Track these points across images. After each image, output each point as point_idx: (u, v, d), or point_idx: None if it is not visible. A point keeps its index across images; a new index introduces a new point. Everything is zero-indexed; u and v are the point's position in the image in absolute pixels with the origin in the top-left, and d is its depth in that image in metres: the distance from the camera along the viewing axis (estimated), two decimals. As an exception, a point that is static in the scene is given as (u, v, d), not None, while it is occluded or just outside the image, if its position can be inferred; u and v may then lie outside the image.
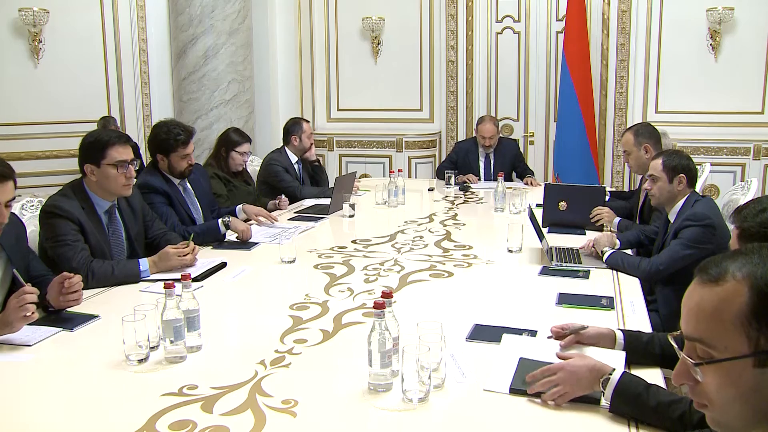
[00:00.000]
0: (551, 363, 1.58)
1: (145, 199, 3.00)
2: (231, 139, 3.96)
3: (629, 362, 1.69)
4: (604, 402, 1.48)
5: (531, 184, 4.73)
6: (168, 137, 3.11)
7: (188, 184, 3.32)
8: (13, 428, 1.49)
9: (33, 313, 1.89)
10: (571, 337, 1.76)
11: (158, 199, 3.11)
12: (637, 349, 1.73)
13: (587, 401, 1.51)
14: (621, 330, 1.79)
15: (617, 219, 3.35)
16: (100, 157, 2.49)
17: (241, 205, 3.51)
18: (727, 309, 0.86)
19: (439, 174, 5.05)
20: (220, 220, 3.14)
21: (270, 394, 1.60)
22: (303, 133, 4.45)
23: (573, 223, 3.38)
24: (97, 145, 2.50)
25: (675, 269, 2.51)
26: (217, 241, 3.11)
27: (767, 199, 1.59)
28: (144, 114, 6.13)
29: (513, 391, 1.58)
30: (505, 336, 1.87)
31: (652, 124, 3.65)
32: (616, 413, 1.46)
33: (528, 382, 1.57)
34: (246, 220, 3.36)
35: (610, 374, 1.47)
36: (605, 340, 1.76)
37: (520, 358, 1.71)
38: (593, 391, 1.50)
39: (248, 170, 4.26)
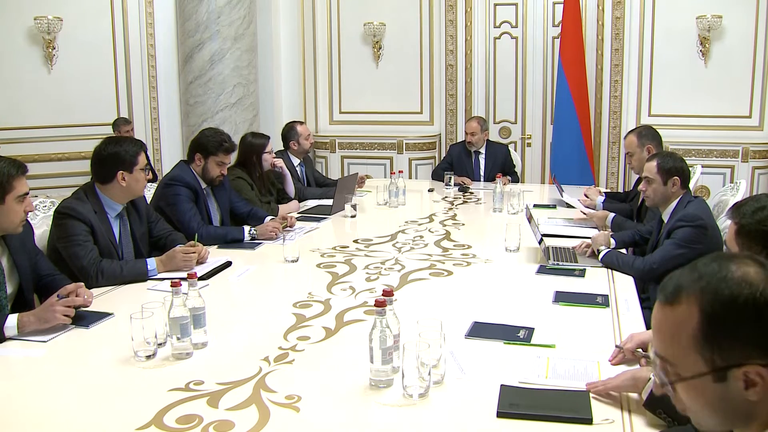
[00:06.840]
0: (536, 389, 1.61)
1: (172, 190, 3.08)
2: (256, 144, 3.89)
3: None
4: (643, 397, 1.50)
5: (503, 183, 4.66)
6: (214, 139, 3.21)
7: (212, 194, 3.37)
8: (26, 420, 1.53)
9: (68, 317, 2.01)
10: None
11: (185, 192, 3.14)
12: None
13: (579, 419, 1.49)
14: None
15: (611, 215, 3.36)
16: (134, 163, 2.62)
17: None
18: (683, 333, 0.91)
19: (435, 176, 5.08)
20: (246, 229, 3.17)
21: (274, 390, 1.62)
22: (300, 137, 4.48)
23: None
24: (131, 152, 2.62)
25: (668, 268, 2.49)
26: (235, 241, 3.14)
27: (765, 198, 1.63)
28: (152, 117, 6.20)
29: (501, 414, 1.51)
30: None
31: (647, 127, 3.69)
32: (649, 408, 1.47)
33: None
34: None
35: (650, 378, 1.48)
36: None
37: (501, 385, 1.62)
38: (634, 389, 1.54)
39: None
